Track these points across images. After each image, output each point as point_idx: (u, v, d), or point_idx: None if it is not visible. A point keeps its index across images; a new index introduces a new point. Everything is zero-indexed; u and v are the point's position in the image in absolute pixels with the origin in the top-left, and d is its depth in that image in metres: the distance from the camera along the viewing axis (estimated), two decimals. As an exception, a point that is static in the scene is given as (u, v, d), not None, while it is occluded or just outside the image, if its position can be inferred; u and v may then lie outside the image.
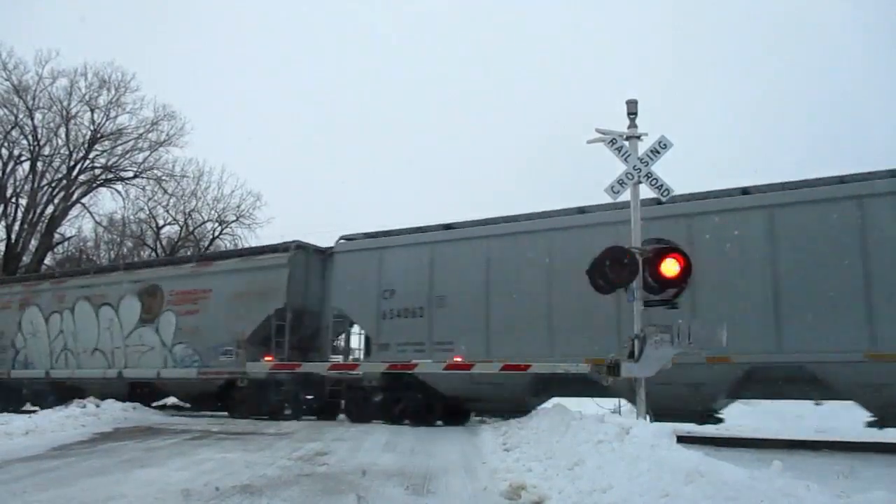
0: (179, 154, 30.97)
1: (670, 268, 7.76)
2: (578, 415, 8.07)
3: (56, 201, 29.03)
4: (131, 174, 30.37)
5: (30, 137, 28.49)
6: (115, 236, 33.36)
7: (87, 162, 29.65)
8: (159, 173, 30.38)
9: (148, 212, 31.47)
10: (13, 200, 28.74)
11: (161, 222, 31.87)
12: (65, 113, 28.64)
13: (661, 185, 8.22)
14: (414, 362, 11.57)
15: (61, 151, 29.13)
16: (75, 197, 29.58)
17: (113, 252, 33.56)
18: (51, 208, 29.09)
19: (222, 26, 69.94)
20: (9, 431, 9.61)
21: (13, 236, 28.28)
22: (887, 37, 52.04)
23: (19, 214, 28.69)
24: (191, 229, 31.86)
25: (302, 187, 57.11)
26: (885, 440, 9.58)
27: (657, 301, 7.94)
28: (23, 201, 28.69)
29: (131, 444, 8.80)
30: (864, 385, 8.89)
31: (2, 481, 5.93)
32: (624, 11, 72.89)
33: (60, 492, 5.43)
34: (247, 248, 15.32)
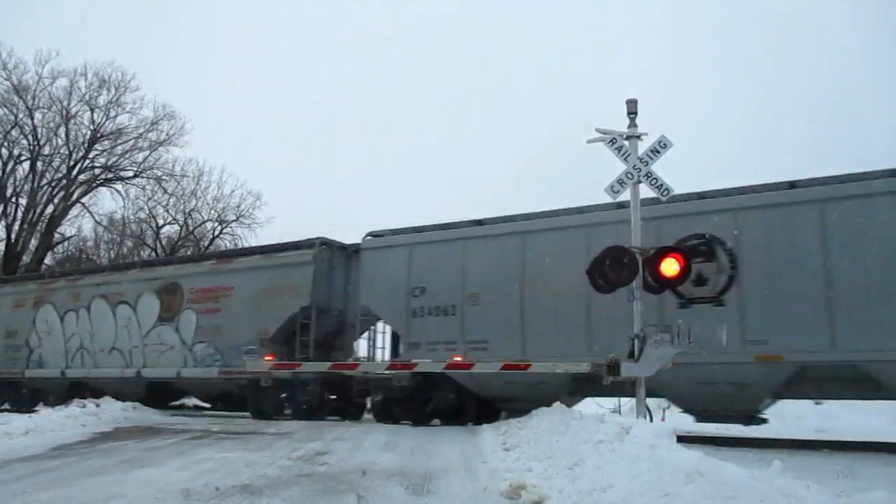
0: (179, 154, 31.10)
1: (670, 267, 7.77)
2: (578, 414, 8.07)
3: (56, 201, 29.06)
4: (131, 174, 30.45)
5: (30, 137, 28.56)
6: (115, 236, 33.40)
7: (87, 162, 29.72)
8: (159, 173, 30.49)
9: (148, 211, 31.56)
10: (13, 200, 28.79)
11: (161, 222, 31.95)
12: (65, 113, 28.70)
13: (661, 185, 8.24)
14: (413, 361, 11.52)
15: (61, 151, 29.22)
16: (75, 197, 29.62)
17: (113, 252, 33.59)
18: (51, 208, 29.14)
19: (222, 26, 70.18)
20: (9, 431, 9.58)
21: (13, 236, 28.31)
22: (887, 37, 52.10)
23: (19, 214, 28.75)
24: (191, 229, 31.89)
25: (302, 187, 57.32)
26: (886, 440, 9.58)
27: (703, 299, 7.72)
28: (23, 201, 28.74)
29: (131, 443, 8.79)
30: None
31: (2, 481, 5.92)
32: (624, 11, 73.03)
33: (60, 492, 5.42)
34: (269, 244, 14.95)
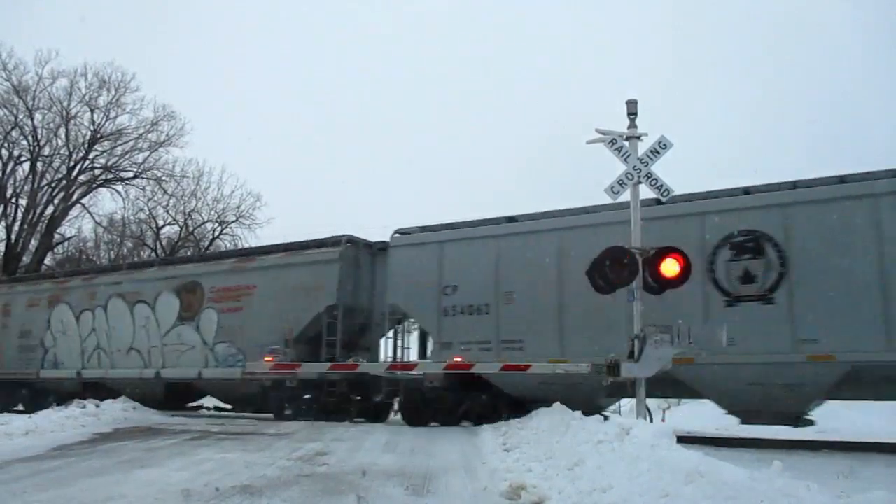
0: (179, 154, 30.93)
1: (670, 268, 7.77)
2: (578, 415, 8.08)
3: (56, 201, 29.01)
4: (131, 174, 30.36)
5: (30, 138, 28.49)
6: (115, 236, 33.35)
7: (87, 162, 29.64)
8: (159, 173, 30.37)
9: (148, 212, 31.48)
10: (13, 201, 28.72)
11: (161, 222, 31.87)
12: (65, 113, 28.63)
13: (661, 185, 8.25)
14: (413, 362, 11.53)
15: (61, 152, 29.14)
16: (75, 197, 29.57)
17: (113, 252, 33.57)
18: (51, 208, 29.07)
19: (222, 26, 70.08)
20: (9, 432, 9.59)
21: (13, 236, 28.24)
22: (887, 37, 52.17)
23: (19, 215, 28.67)
24: (191, 229, 31.86)
25: (302, 187, 57.12)
26: (886, 440, 9.58)
27: (751, 296, 7.60)
28: (23, 201, 28.67)
29: (131, 444, 8.80)
30: None
31: (2, 481, 5.93)
32: (624, 11, 73.05)
33: (60, 492, 5.43)
34: (293, 242, 14.55)
